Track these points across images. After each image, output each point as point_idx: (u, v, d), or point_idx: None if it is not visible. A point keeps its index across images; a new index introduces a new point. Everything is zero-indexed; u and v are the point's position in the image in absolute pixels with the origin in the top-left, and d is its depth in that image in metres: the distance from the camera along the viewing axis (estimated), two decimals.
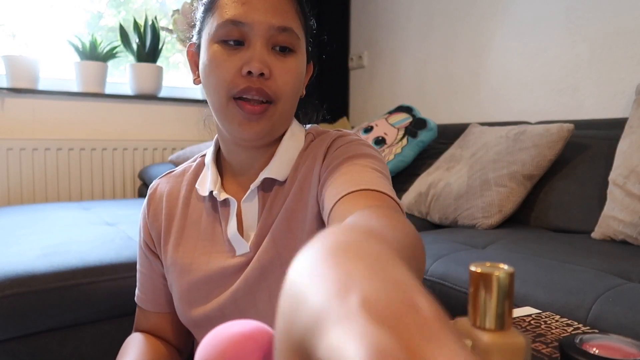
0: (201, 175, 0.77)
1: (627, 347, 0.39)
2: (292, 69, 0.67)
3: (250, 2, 0.65)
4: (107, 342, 1.25)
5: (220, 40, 0.66)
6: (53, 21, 2.53)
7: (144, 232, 0.81)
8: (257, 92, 0.64)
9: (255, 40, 0.65)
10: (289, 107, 0.69)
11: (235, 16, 0.64)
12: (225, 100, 0.66)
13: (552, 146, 1.74)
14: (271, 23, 0.65)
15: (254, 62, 0.63)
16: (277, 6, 0.66)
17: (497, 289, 0.30)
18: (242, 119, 0.65)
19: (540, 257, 1.29)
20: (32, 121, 2.33)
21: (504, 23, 2.37)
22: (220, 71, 0.65)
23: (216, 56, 0.66)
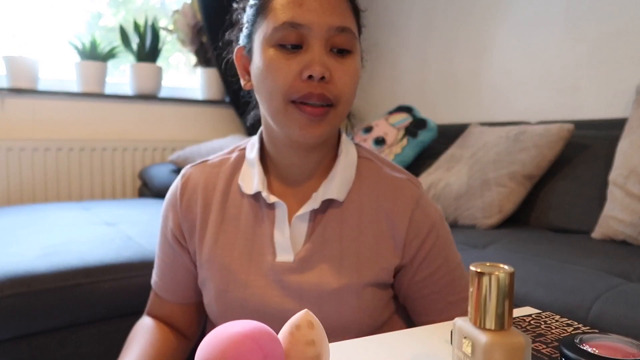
0: (243, 171, 0.74)
1: (627, 347, 0.39)
2: (351, 71, 0.66)
3: (307, 3, 0.63)
4: (107, 342, 1.25)
5: (276, 44, 0.64)
6: (53, 21, 2.53)
7: (173, 223, 0.76)
8: (319, 97, 0.63)
9: (313, 43, 0.63)
10: (347, 109, 0.68)
11: (293, 18, 0.62)
12: (283, 104, 0.64)
13: (552, 146, 1.74)
14: (330, 24, 0.63)
15: (315, 65, 0.62)
16: (334, 5, 0.64)
17: (497, 289, 0.30)
18: (303, 122, 0.64)
19: (540, 257, 1.29)
20: (32, 121, 2.33)
21: (504, 23, 2.37)
22: (278, 76, 0.63)
23: (273, 61, 0.64)
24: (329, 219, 0.70)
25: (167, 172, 2.40)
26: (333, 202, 0.70)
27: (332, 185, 0.70)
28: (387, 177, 0.73)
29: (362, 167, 0.74)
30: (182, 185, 0.77)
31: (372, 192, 0.72)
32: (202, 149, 2.42)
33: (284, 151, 0.71)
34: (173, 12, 2.76)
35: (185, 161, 2.37)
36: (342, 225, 0.70)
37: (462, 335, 0.32)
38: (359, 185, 0.72)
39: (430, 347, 0.48)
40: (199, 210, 0.74)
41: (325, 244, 0.69)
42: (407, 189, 0.72)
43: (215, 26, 2.66)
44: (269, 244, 0.69)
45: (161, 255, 0.79)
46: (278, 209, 0.70)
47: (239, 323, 0.35)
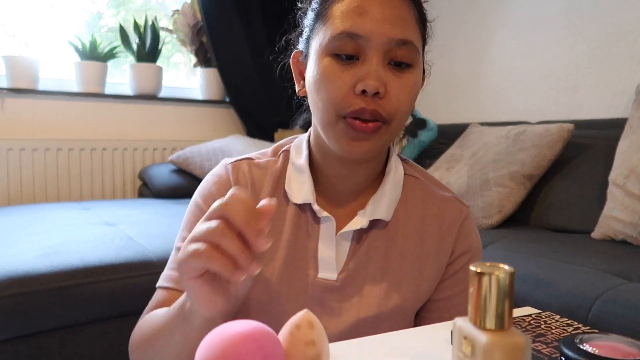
0: (289, 176, 0.70)
1: (627, 347, 0.39)
2: (409, 86, 0.62)
3: (368, 11, 0.59)
4: (107, 342, 1.25)
5: (332, 53, 0.61)
6: (53, 21, 2.53)
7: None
8: (371, 114, 0.59)
9: (371, 55, 0.59)
10: (401, 126, 0.65)
11: (351, 27, 0.59)
12: (335, 118, 0.61)
13: (552, 146, 1.74)
14: (390, 35, 0.59)
15: (370, 79, 0.58)
16: (398, 15, 0.60)
17: (497, 289, 0.30)
18: (351, 138, 0.61)
19: (540, 257, 1.29)
20: (32, 121, 2.33)
21: (504, 23, 2.37)
22: (332, 88, 0.60)
23: (327, 71, 0.61)
24: (373, 238, 0.67)
25: (167, 172, 2.40)
26: (379, 221, 0.68)
27: (381, 205, 0.67)
28: (434, 195, 0.71)
29: (408, 185, 0.71)
30: (233, 173, 0.70)
31: (419, 212, 0.70)
32: (202, 149, 2.42)
33: (332, 163, 0.68)
34: (173, 12, 2.76)
35: (185, 161, 2.37)
36: (386, 245, 0.68)
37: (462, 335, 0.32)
38: (405, 205, 0.70)
39: (430, 347, 0.48)
40: None
41: (369, 264, 0.67)
42: (455, 207, 0.71)
43: (215, 26, 2.66)
44: (312, 259, 0.67)
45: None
46: (325, 224, 0.67)
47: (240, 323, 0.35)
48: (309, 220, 0.68)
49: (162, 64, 2.66)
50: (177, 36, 2.76)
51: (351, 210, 0.69)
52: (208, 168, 2.33)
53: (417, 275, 0.68)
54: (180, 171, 2.41)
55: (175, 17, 2.73)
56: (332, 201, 0.70)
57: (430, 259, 0.69)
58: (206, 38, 2.70)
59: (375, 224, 0.68)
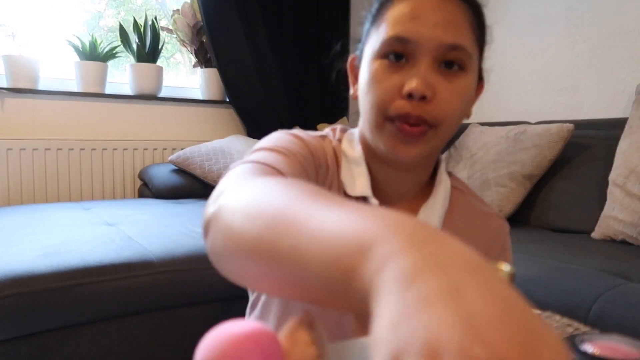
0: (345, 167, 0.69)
1: (627, 347, 0.39)
2: (460, 91, 0.61)
3: (420, 16, 0.59)
4: (107, 342, 1.25)
5: (382, 56, 0.61)
6: (53, 21, 2.53)
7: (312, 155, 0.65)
8: (416, 119, 0.59)
9: (421, 59, 0.59)
10: (451, 132, 0.64)
11: (402, 32, 0.59)
12: (381, 120, 0.61)
13: (552, 146, 1.74)
14: (441, 40, 0.59)
15: (417, 83, 0.58)
16: (450, 20, 0.60)
17: None
18: (397, 141, 0.61)
19: (540, 257, 1.29)
20: (32, 121, 2.33)
21: (504, 23, 2.37)
22: (379, 89, 0.61)
23: (377, 72, 0.61)
24: None
25: (167, 172, 2.40)
26: None
27: (433, 214, 0.67)
28: (478, 211, 0.73)
29: (454, 198, 0.72)
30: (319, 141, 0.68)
31: (463, 225, 0.70)
32: (202, 149, 2.42)
33: (380, 166, 0.68)
34: (173, 12, 2.76)
35: (185, 161, 2.37)
36: None
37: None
38: (451, 217, 0.70)
39: None
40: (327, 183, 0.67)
41: None
42: (498, 223, 0.73)
43: (216, 26, 2.66)
44: None
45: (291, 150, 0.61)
46: None
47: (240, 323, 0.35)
48: None
49: (162, 64, 2.66)
50: (177, 36, 2.76)
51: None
52: (208, 168, 2.33)
53: None
54: (180, 171, 2.41)
55: (175, 17, 2.73)
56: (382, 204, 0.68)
57: None
58: (206, 38, 2.70)
59: None
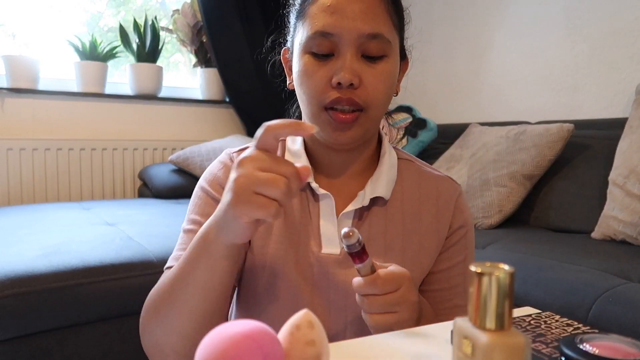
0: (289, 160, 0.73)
1: (627, 347, 0.39)
2: (383, 74, 0.67)
3: (339, 11, 0.64)
4: (107, 342, 1.25)
5: (310, 51, 0.66)
6: (53, 21, 2.53)
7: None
8: (347, 102, 0.65)
9: (344, 50, 0.65)
10: (380, 112, 0.70)
11: (324, 27, 0.64)
12: (317, 110, 0.67)
13: (552, 146, 1.74)
14: (360, 31, 0.64)
15: (343, 73, 0.63)
16: (367, 11, 0.64)
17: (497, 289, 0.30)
18: (333, 128, 0.67)
19: (540, 257, 1.30)
20: (32, 121, 2.33)
21: (504, 23, 2.37)
22: (311, 82, 0.66)
23: (307, 67, 0.67)
24: (373, 217, 0.71)
25: (167, 172, 2.40)
26: (377, 201, 0.72)
27: (379, 184, 0.71)
28: (428, 175, 0.77)
29: (402, 168, 0.76)
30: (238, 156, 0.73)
31: (414, 191, 0.74)
32: (202, 149, 2.42)
33: (324, 151, 0.73)
34: (173, 12, 2.76)
35: (185, 161, 2.37)
36: (386, 223, 0.72)
37: (462, 335, 0.32)
38: (401, 185, 0.74)
39: (430, 347, 0.48)
40: None
41: (370, 242, 0.70)
42: (449, 184, 0.77)
43: (216, 26, 2.66)
44: (315, 236, 0.70)
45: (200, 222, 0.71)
46: (324, 201, 0.71)
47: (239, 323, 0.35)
48: (310, 199, 0.72)
49: (162, 64, 2.66)
50: (177, 36, 2.76)
51: (348, 193, 0.73)
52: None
53: (417, 250, 0.72)
54: (180, 171, 2.41)
55: (175, 17, 2.73)
56: (329, 185, 0.73)
57: (429, 234, 0.73)
58: (206, 38, 2.70)
59: (374, 203, 0.72)
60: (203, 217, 0.71)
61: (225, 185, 0.68)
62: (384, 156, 0.75)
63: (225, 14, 2.67)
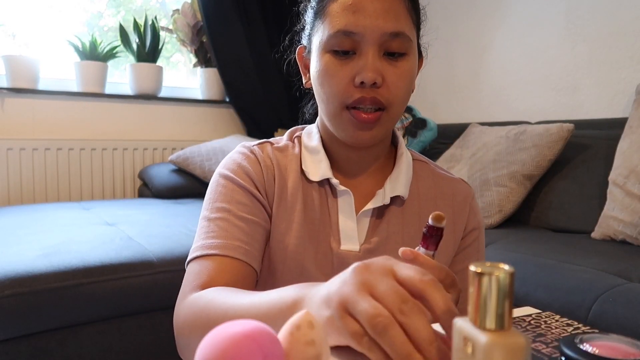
0: (304, 158, 0.74)
1: (627, 347, 0.39)
2: (405, 74, 0.67)
3: (361, 9, 0.64)
4: (107, 342, 1.25)
5: (331, 49, 0.66)
6: (53, 21, 2.53)
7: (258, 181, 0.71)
8: (371, 101, 0.65)
9: (367, 49, 0.64)
10: (400, 111, 0.70)
11: (346, 26, 0.64)
12: (339, 110, 0.67)
13: (552, 146, 1.74)
14: (383, 30, 0.64)
15: (367, 72, 0.63)
16: (389, 10, 0.64)
17: (497, 289, 0.30)
18: (356, 127, 0.66)
19: (540, 257, 1.29)
20: (32, 121, 2.33)
21: (504, 23, 2.37)
22: (333, 82, 0.66)
23: (328, 66, 0.66)
24: (391, 216, 0.72)
25: (167, 172, 2.40)
26: (396, 200, 0.72)
27: (398, 183, 0.72)
28: (442, 177, 0.77)
29: (417, 168, 0.77)
30: (259, 154, 0.73)
31: (430, 191, 0.75)
32: (202, 149, 2.42)
33: (340, 148, 0.74)
34: (173, 12, 2.76)
35: (185, 161, 2.37)
36: (403, 223, 0.72)
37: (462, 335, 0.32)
38: (417, 186, 0.75)
39: None
40: (276, 187, 0.72)
41: (389, 240, 0.71)
42: (464, 187, 0.77)
43: (215, 26, 2.66)
44: (335, 231, 0.71)
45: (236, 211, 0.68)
46: (343, 197, 0.71)
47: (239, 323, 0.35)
48: (329, 196, 0.72)
49: (162, 64, 2.66)
50: (177, 36, 2.76)
51: (365, 191, 0.73)
52: (208, 168, 2.33)
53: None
54: (180, 171, 2.41)
55: (175, 17, 2.73)
56: (346, 182, 0.74)
57: (445, 235, 0.72)
58: (206, 38, 2.70)
59: (392, 202, 0.72)
60: (231, 204, 0.68)
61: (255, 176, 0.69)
62: (402, 156, 0.75)
63: (225, 14, 2.67)
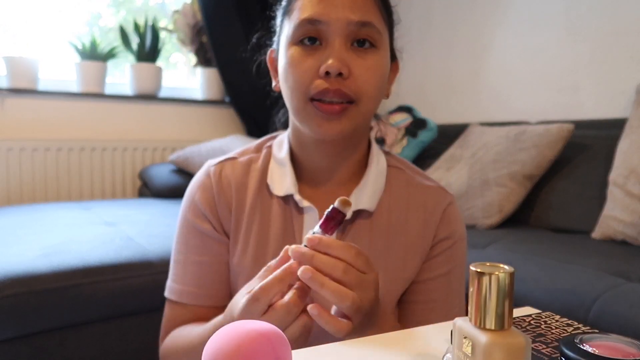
0: (271, 170, 0.71)
1: (627, 347, 0.39)
2: (374, 66, 0.64)
3: (327, 0, 0.62)
4: (107, 342, 1.25)
5: (297, 41, 0.64)
6: (53, 21, 2.53)
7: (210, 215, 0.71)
8: (335, 93, 0.61)
9: (333, 38, 0.62)
10: (371, 107, 0.66)
11: (311, 15, 0.62)
12: (303, 102, 0.63)
13: (552, 146, 1.74)
14: (350, 18, 0.62)
15: (332, 61, 0.60)
16: (356, 1, 0.62)
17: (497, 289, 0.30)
18: (320, 119, 0.63)
19: (540, 257, 1.29)
20: (32, 121, 2.33)
21: (504, 23, 2.37)
22: (297, 72, 0.63)
23: (293, 57, 0.63)
24: (357, 229, 0.68)
25: (167, 172, 2.40)
26: (362, 212, 0.69)
27: (364, 195, 0.68)
28: (417, 185, 0.73)
29: (391, 176, 0.73)
30: (215, 179, 0.72)
31: (402, 202, 0.71)
32: (202, 149, 2.42)
33: (311, 152, 0.70)
34: (173, 12, 2.76)
35: (185, 161, 2.37)
36: (370, 236, 0.68)
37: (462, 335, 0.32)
38: (389, 195, 0.71)
39: (430, 347, 0.48)
40: (233, 209, 0.70)
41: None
42: (438, 195, 0.72)
43: (215, 26, 2.66)
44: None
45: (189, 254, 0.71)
46: (308, 214, 0.68)
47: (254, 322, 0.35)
48: (293, 213, 0.69)
49: (162, 64, 2.66)
50: (177, 36, 2.76)
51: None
52: None
53: (401, 264, 0.69)
54: (180, 171, 2.41)
55: (175, 17, 2.73)
56: (315, 194, 0.70)
57: (414, 248, 0.70)
58: (206, 38, 2.70)
59: (359, 214, 0.69)
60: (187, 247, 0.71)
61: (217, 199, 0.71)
62: (371, 164, 0.71)
63: (225, 14, 2.67)
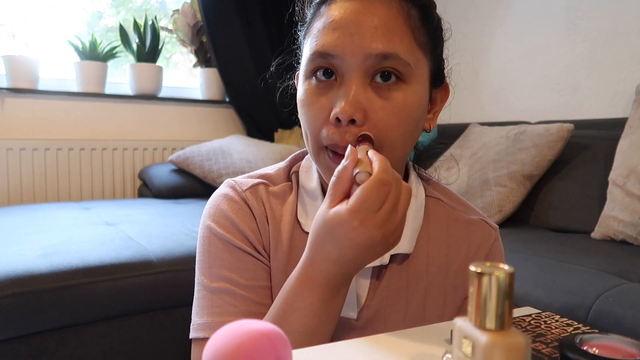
0: (302, 203, 0.63)
1: (627, 347, 0.39)
2: (399, 107, 0.53)
3: (343, 26, 0.52)
4: (107, 342, 1.25)
5: (310, 76, 0.56)
6: (53, 21, 2.53)
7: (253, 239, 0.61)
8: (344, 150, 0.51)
9: (350, 74, 0.53)
10: (398, 154, 0.56)
11: (324, 47, 0.53)
12: (316, 148, 0.56)
13: (552, 146, 1.74)
14: (368, 51, 0.51)
15: (344, 104, 0.51)
16: (378, 26, 0.52)
17: (497, 289, 0.30)
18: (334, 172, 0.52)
19: (540, 257, 1.29)
20: (32, 121, 2.33)
21: (504, 23, 2.37)
22: (309, 115, 0.55)
23: (306, 96, 0.55)
24: (394, 272, 0.61)
25: (167, 172, 2.40)
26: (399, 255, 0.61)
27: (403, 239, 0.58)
28: (459, 219, 0.65)
29: (430, 209, 0.64)
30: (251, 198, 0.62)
31: (442, 239, 0.63)
32: (202, 149, 2.42)
33: None
34: (173, 12, 2.76)
35: (185, 161, 2.37)
36: (408, 278, 0.62)
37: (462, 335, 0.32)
38: (427, 231, 0.63)
39: (430, 347, 0.48)
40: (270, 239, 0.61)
41: (390, 300, 0.61)
42: (483, 230, 0.65)
43: (215, 26, 2.66)
44: None
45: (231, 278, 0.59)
46: None
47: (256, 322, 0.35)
48: None
49: (162, 64, 2.66)
50: (177, 36, 2.76)
51: None
52: (208, 168, 2.33)
53: (441, 309, 0.63)
54: (180, 171, 2.41)
55: (175, 17, 2.73)
56: None
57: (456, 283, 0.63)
58: (206, 38, 2.70)
59: (396, 257, 0.61)
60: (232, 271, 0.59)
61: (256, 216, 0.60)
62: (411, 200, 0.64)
63: (225, 14, 2.67)
